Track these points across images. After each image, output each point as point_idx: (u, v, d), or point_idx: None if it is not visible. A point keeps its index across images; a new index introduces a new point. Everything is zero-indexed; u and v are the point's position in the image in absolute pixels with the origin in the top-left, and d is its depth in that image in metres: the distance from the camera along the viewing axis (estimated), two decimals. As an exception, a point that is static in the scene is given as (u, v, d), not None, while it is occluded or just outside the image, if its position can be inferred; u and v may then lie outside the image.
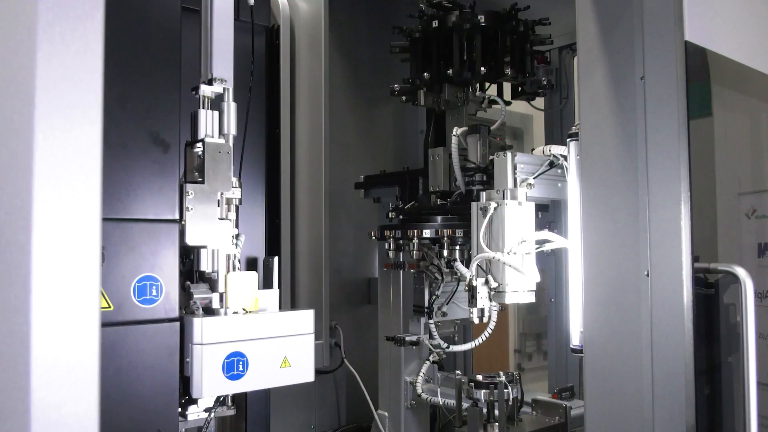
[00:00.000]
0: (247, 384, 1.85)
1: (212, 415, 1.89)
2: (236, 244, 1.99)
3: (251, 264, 2.17)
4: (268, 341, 1.88)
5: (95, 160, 0.98)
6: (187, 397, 1.86)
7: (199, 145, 1.91)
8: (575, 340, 2.15)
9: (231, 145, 1.97)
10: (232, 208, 1.97)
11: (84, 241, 1.02)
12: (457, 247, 2.44)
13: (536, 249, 2.19)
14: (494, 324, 2.52)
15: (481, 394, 2.21)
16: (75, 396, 0.98)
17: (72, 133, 0.96)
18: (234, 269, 1.96)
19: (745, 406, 1.63)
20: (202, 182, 1.89)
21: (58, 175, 0.96)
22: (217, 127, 1.95)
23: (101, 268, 1.64)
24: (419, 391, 2.74)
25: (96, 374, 0.97)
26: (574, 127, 2.19)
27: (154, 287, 1.76)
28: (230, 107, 1.97)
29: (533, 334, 5.80)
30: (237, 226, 2.02)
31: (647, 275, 1.69)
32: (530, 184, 2.21)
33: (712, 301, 1.89)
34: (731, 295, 1.91)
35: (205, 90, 1.94)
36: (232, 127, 1.97)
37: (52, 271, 1.00)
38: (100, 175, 1.00)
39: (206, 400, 1.90)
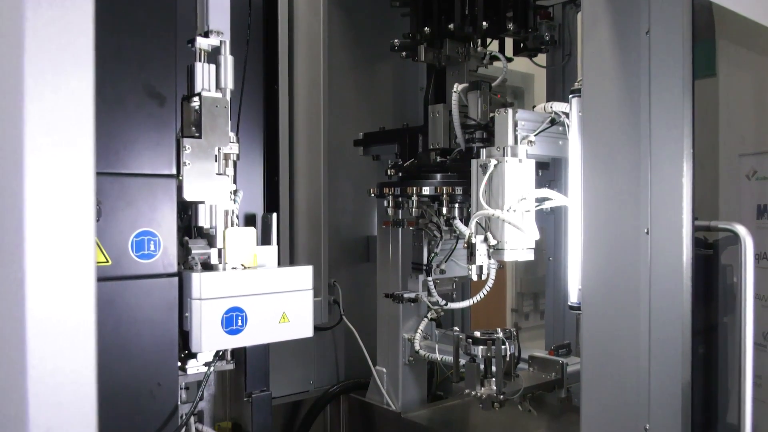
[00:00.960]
0: (246, 339, 1.86)
1: (211, 369, 1.90)
2: (234, 200, 1.98)
3: (249, 220, 2.16)
4: (266, 297, 1.89)
5: (88, 103, 0.96)
6: (186, 352, 1.87)
7: (196, 99, 1.88)
8: (573, 298, 2.16)
9: (228, 99, 1.94)
10: (230, 163, 1.95)
11: (77, 190, 1.00)
12: (457, 205, 2.43)
13: (536, 207, 2.18)
14: (492, 282, 2.53)
15: (479, 350, 2.22)
16: (72, 353, 0.97)
17: (63, 77, 0.93)
18: (232, 225, 1.95)
19: (741, 364, 1.64)
20: (199, 137, 1.88)
21: (49, 120, 0.94)
22: (213, 81, 1.92)
23: (98, 222, 1.65)
24: (417, 347, 2.76)
25: (92, 330, 0.96)
26: (576, 83, 2.16)
27: (152, 242, 1.76)
28: (227, 60, 1.94)
29: (530, 294, 5.85)
30: (235, 182, 2.00)
31: (647, 233, 1.68)
32: (531, 142, 2.19)
33: (710, 262, 1.89)
34: (729, 256, 1.91)
35: (201, 43, 1.91)
36: (229, 80, 1.95)
37: (45, 223, 0.98)
38: (92, 119, 0.98)
39: (205, 354, 1.92)
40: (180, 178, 1.84)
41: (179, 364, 1.87)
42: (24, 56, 0.89)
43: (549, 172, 2.68)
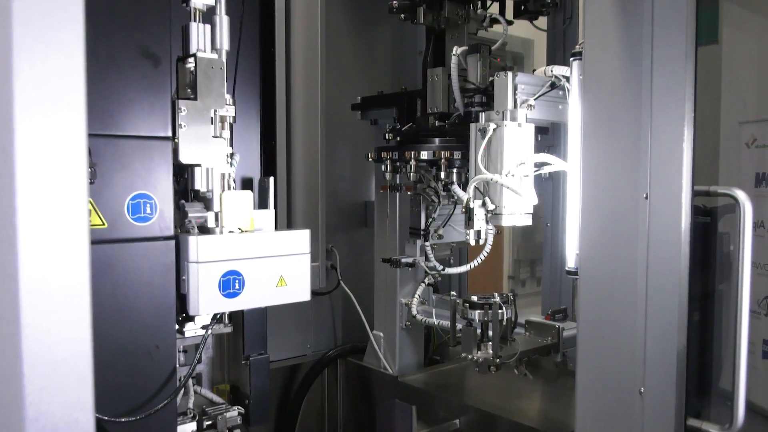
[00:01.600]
0: (244, 302, 1.86)
1: (209, 332, 1.91)
2: (231, 163, 1.97)
3: (246, 184, 2.15)
4: (264, 260, 1.88)
5: (78, 58, 0.93)
6: (184, 315, 1.88)
7: (191, 60, 1.85)
8: (570, 263, 2.16)
9: (224, 60, 1.91)
10: (226, 126, 1.93)
11: (69, 149, 0.98)
12: (455, 170, 2.41)
13: (535, 172, 2.17)
14: (490, 247, 2.53)
15: (476, 314, 2.23)
16: (67, 314, 0.96)
17: (53, 31, 0.90)
18: (229, 188, 1.94)
19: (736, 330, 1.65)
20: (195, 99, 1.85)
21: (38, 76, 0.91)
22: (209, 42, 1.89)
23: (93, 185, 1.64)
24: (414, 312, 2.77)
25: (87, 295, 0.95)
26: (578, 46, 2.13)
27: (148, 205, 1.75)
28: (222, 20, 1.91)
29: (527, 261, 5.87)
30: (231, 145, 1.99)
31: (646, 198, 1.67)
32: (531, 106, 2.17)
33: (707, 229, 1.88)
34: (726, 224, 1.91)
35: (196, 2, 1.87)
36: (224, 41, 1.92)
37: (37, 184, 0.96)
38: (83, 74, 0.96)
39: (203, 317, 1.93)
40: (176, 140, 1.83)
41: (177, 327, 1.88)
42: (12, 8, 0.86)
43: (548, 137, 2.66)
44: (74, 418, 0.90)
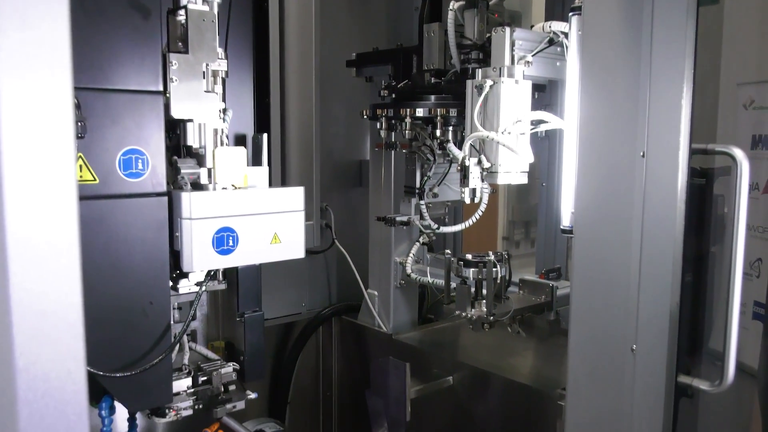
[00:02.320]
0: (237, 259, 1.85)
1: (203, 288, 1.91)
2: (224, 119, 1.94)
3: (239, 141, 2.12)
4: (257, 217, 1.87)
5: (63, 6, 0.90)
6: (178, 272, 1.87)
7: (182, 12, 1.81)
8: (565, 221, 2.16)
9: (216, 13, 1.87)
10: (219, 80, 1.90)
11: (54, 101, 0.95)
12: (451, 128, 2.39)
13: (531, 129, 2.15)
14: (485, 206, 2.52)
15: (470, 273, 2.24)
16: (55, 267, 0.93)
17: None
18: (222, 144, 1.91)
19: (729, 290, 1.65)
20: (186, 52, 1.82)
21: (21, 23, 0.88)
22: (200, -7, 1.84)
23: (83, 139, 1.61)
24: (409, 271, 2.78)
25: (76, 243, 0.93)
26: (577, 1, 2.08)
27: (139, 161, 1.73)
28: (214, -29, 1.85)
29: (522, 223, 5.87)
30: (224, 101, 1.96)
31: (643, 156, 1.65)
32: (528, 62, 2.13)
33: (702, 191, 1.87)
34: (721, 186, 1.90)
35: (187, -49, 1.82)
36: (216, -8, 1.87)
37: (21, 135, 0.93)
38: (67, 21, 0.92)
39: (197, 274, 1.92)
40: (167, 95, 1.80)
41: (171, 283, 1.87)
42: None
43: (545, 95, 2.62)
44: (65, 369, 0.89)
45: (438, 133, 2.38)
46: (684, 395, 1.71)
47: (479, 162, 2.11)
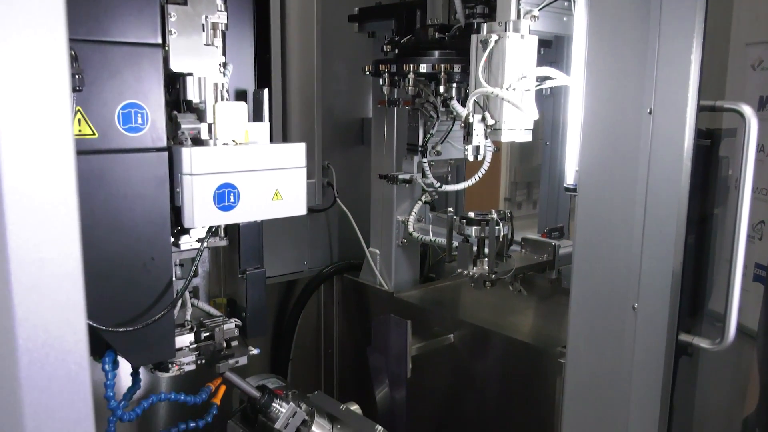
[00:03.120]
0: (239, 215, 1.84)
1: (205, 244, 1.90)
2: (224, 73, 1.91)
3: (240, 96, 2.09)
4: (259, 173, 1.85)
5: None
6: (179, 228, 1.86)
7: (180, -39, 1.76)
8: (569, 180, 2.14)
9: (215, -37, 1.82)
10: (218, 33, 1.86)
11: (49, 49, 0.91)
12: (454, 85, 2.35)
13: (536, 86, 2.11)
14: (488, 165, 2.50)
15: (472, 231, 2.23)
16: (53, 215, 0.91)
17: None
18: (222, 99, 1.89)
19: (732, 251, 1.64)
20: (185, 4, 1.77)
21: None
22: (198, -58, 1.79)
23: (80, 92, 1.58)
24: (410, 229, 2.77)
25: (74, 191, 0.91)
26: (586, -47, 2.03)
27: (139, 115, 1.70)
28: None
29: (524, 183, 5.86)
30: (224, 55, 1.92)
31: (650, 113, 1.63)
32: (534, 17, 2.09)
33: (707, 152, 1.85)
34: (726, 148, 1.88)
35: None
36: (215, -59, 1.82)
37: (13, 86, 0.90)
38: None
39: (198, 230, 1.91)
40: (166, 48, 1.76)
41: (172, 240, 1.87)
42: None
43: (551, 51, 2.59)
44: (65, 319, 0.89)
45: (441, 89, 2.35)
46: (684, 354, 1.72)
47: (483, 119, 2.08)
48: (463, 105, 2.25)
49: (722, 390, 2.25)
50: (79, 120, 1.62)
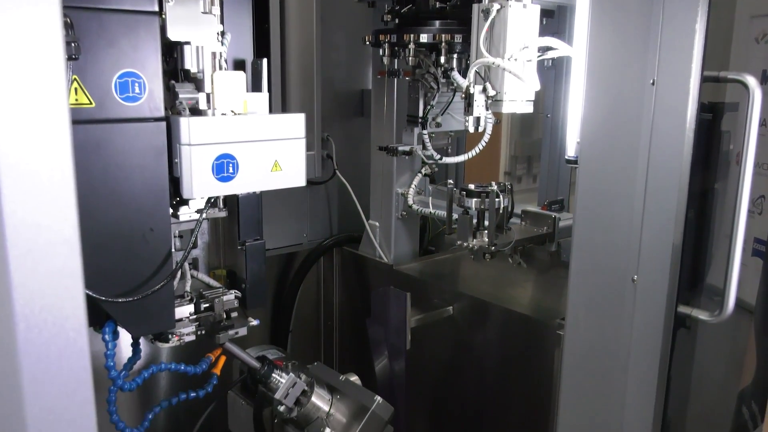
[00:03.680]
0: (238, 186, 1.83)
1: (204, 215, 1.89)
2: (222, 42, 1.88)
3: (239, 66, 2.07)
4: (258, 144, 1.84)
5: None
6: (178, 199, 1.85)
7: (177, -74, 1.73)
8: (570, 151, 2.13)
9: (211, -73, 1.78)
10: (216, 1, 1.83)
11: (42, 16, 0.89)
12: (455, 55, 2.33)
13: (538, 56, 2.09)
14: (488, 137, 2.49)
15: (472, 203, 2.22)
16: (48, 181, 0.89)
17: None
18: (220, 69, 1.86)
19: (733, 225, 1.63)
20: (182, -30, 1.74)
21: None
22: None
23: (77, 61, 1.56)
24: (410, 202, 2.76)
25: (69, 156, 0.89)
26: None
27: (136, 84, 1.68)
28: None
29: (524, 157, 5.83)
30: (222, 23, 1.89)
31: (653, 84, 1.61)
32: (537, -14, 2.06)
33: (709, 126, 1.84)
34: (728, 123, 1.86)
35: None
36: None
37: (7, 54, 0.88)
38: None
39: (197, 201, 1.90)
40: (163, 16, 1.73)
41: (171, 211, 1.86)
42: None
43: (553, 21, 2.55)
44: (63, 285, 0.88)
45: (442, 60, 2.32)
46: (682, 326, 1.73)
47: (484, 90, 2.06)
48: (464, 76, 2.22)
49: (719, 363, 2.26)
50: (76, 89, 1.60)
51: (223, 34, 1.89)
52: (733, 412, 2.26)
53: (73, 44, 1.53)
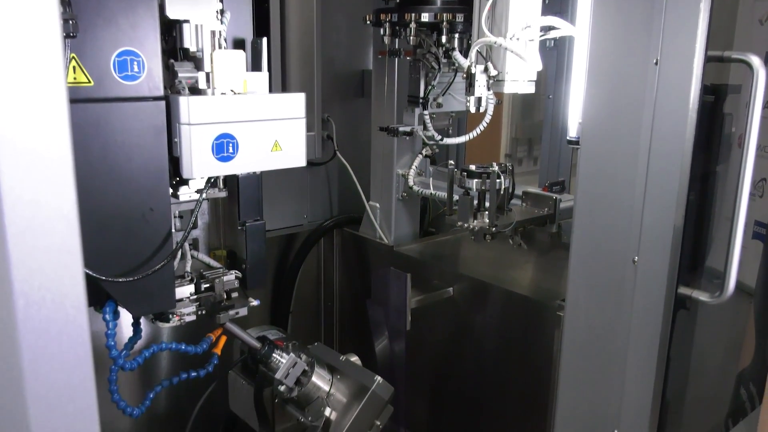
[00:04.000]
0: (238, 166, 1.82)
1: (204, 195, 1.89)
2: (221, 21, 1.86)
3: (238, 45, 2.05)
4: (258, 124, 1.83)
5: None
6: (178, 179, 1.85)
7: None
8: (572, 132, 2.12)
9: None
10: (215, -21, 1.81)
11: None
12: (457, 35, 2.31)
13: (541, 36, 2.07)
14: (490, 117, 2.47)
15: (473, 184, 2.21)
16: (48, 173, 0.88)
17: None
18: (220, 48, 1.85)
19: (735, 208, 1.63)
20: (181, -53, 1.72)
21: None
22: None
23: (74, 39, 1.55)
24: (411, 183, 2.76)
25: (66, 126, 0.88)
26: None
27: (135, 63, 1.67)
28: None
29: (525, 139, 5.82)
30: (221, 1, 1.87)
31: (656, 64, 1.60)
32: (540, -36, 2.04)
33: (711, 108, 1.83)
34: (730, 105, 1.85)
35: None
36: None
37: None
38: None
39: (197, 181, 1.90)
40: (161, -7, 1.72)
41: (171, 191, 1.85)
42: None
43: (556, 1, 2.53)
44: (61, 262, 0.88)
45: (444, 39, 2.30)
46: (682, 308, 1.73)
47: (486, 69, 2.04)
48: (466, 56, 2.21)
49: (718, 345, 2.27)
50: (74, 67, 1.59)
51: (222, 12, 1.87)
52: (732, 393, 2.27)
53: (71, 22, 1.51)
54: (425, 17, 2.30)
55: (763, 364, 2.20)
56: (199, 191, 1.90)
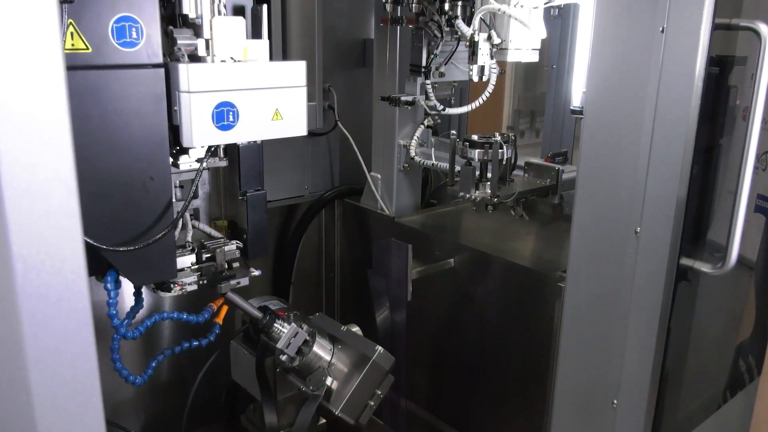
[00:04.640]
0: (238, 135, 1.81)
1: (204, 164, 1.87)
2: (221, -13, 1.83)
3: (238, 12, 2.01)
4: (258, 92, 1.81)
5: None
6: (178, 148, 1.83)
7: None
8: (576, 102, 2.10)
9: None
10: (214, -57, 1.77)
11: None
12: (459, 3, 2.27)
13: (545, 4, 2.04)
14: (492, 87, 2.44)
15: (475, 154, 2.20)
16: (45, 137, 0.87)
17: None
18: (219, 14, 1.82)
19: (738, 179, 1.61)
20: None
21: None
22: None
23: (71, 4, 1.52)
24: (412, 153, 2.74)
25: (65, 111, 0.87)
26: None
27: (133, 29, 1.64)
28: None
29: (527, 112, 5.78)
30: (221, -34, 1.84)
31: (662, 31, 1.57)
32: (545, -71, 2.00)
33: (716, 80, 1.80)
34: (735, 77, 1.82)
35: None
36: None
37: None
38: None
39: (197, 150, 1.88)
40: (160, -43, 1.68)
41: (171, 160, 1.84)
42: None
43: (561, -31, 2.48)
44: (60, 225, 0.87)
45: (446, 7, 2.27)
46: (684, 279, 1.73)
47: (489, 38, 2.01)
48: (469, 24, 2.17)
49: (719, 317, 2.27)
50: (72, 33, 1.57)
51: (221, -23, 1.83)
52: (731, 365, 2.28)
53: (67, -13, 1.49)
54: (428, -16, 2.27)
55: (763, 336, 2.21)
56: (199, 160, 1.88)
